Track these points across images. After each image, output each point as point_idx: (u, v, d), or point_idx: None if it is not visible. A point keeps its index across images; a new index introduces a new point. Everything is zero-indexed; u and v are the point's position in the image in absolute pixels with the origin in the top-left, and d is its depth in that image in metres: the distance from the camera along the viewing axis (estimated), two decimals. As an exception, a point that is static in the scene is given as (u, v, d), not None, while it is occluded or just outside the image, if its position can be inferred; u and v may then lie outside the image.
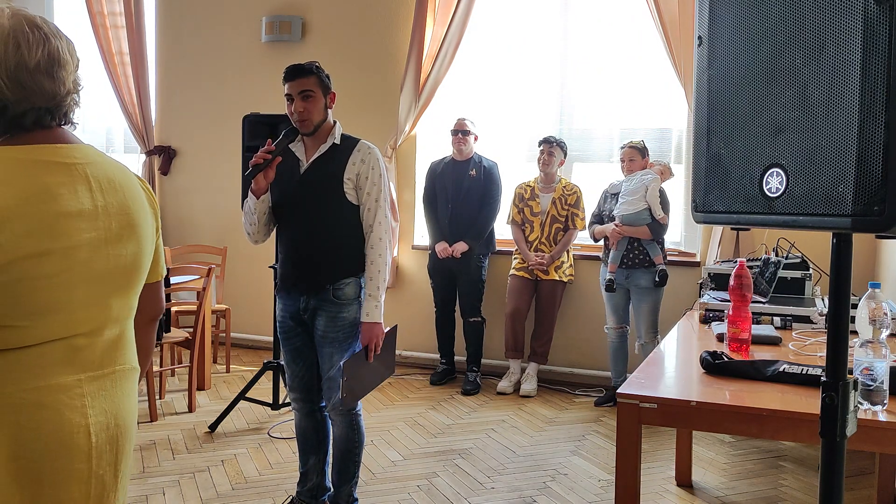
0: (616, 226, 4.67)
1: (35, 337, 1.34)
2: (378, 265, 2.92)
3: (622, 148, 4.81)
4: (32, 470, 1.33)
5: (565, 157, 5.17)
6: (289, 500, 3.32)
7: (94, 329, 1.42)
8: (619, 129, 5.41)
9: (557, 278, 5.07)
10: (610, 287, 4.72)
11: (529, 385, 5.09)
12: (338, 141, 2.97)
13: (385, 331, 3.01)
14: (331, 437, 3.16)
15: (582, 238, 5.41)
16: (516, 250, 5.20)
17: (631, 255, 4.68)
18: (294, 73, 2.90)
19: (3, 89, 1.34)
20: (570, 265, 5.17)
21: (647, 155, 4.78)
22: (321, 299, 2.96)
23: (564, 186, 5.12)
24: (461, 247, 5.12)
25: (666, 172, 4.77)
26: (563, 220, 5.11)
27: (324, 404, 3.14)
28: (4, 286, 1.28)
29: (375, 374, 3.02)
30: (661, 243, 4.70)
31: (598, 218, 4.89)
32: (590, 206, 5.15)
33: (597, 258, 5.26)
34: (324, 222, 2.95)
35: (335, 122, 3.02)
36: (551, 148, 5.07)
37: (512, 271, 5.19)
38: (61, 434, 1.35)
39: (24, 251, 1.29)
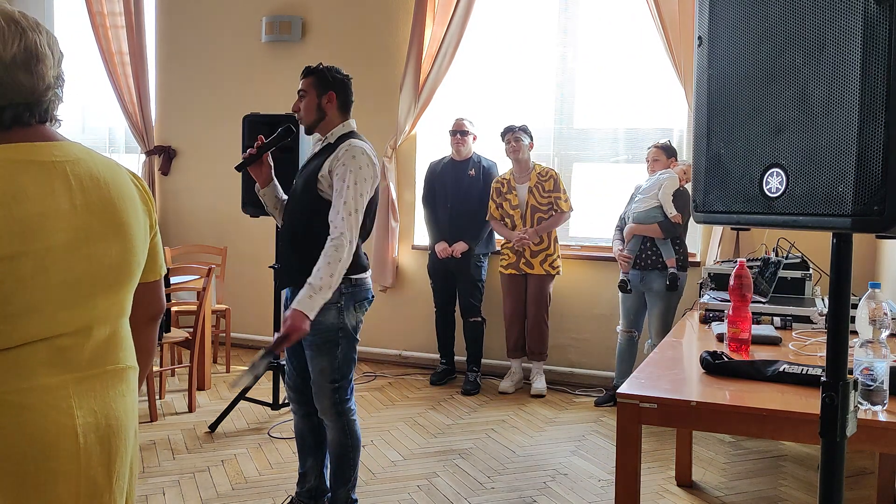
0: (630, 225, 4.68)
1: (14, 339, 1.31)
2: (321, 262, 2.71)
3: (649, 148, 4.80)
4: (16, 472, 1.31)
5: (532, 141, 5.06)
6: (288, 500, 3.32)
7: (79, 329, 1.39)
8: (619, 128, 5.41)
9: (544, 272, 5.03)
10: (623, 287, 4.70)
11: (539, 384, 5.08)
12: (332, 140, 2.96)
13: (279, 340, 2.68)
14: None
15: (582, 238, 5.41)
16: (502, 246, 5.16)
17: (644, 256, 4.63)
18: (301, 74, 3.00)
19: None
20: (558, 257, 5.08)
21: (674, 155, 4.74)
22: None
23: (539, 173, 5.02)
24: (461, 247, 5.12)
25: (689, 172, 4.71)
26: (546, 208, 5.00)
27: None
28: None
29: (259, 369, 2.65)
30: (680, 244, 4.63)
31: (622, 220, 4.83)
32: (587, 200, 5.10)
33: (596, 258, 5.26)
34: (302, 220, 2.94)
35: (344, 123, 3.00)
36: (516, 135, 4.99)
37: (500, 269, 5.15)
38: (46, 435, 1.33)
39: None
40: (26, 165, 1.33)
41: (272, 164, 3.08)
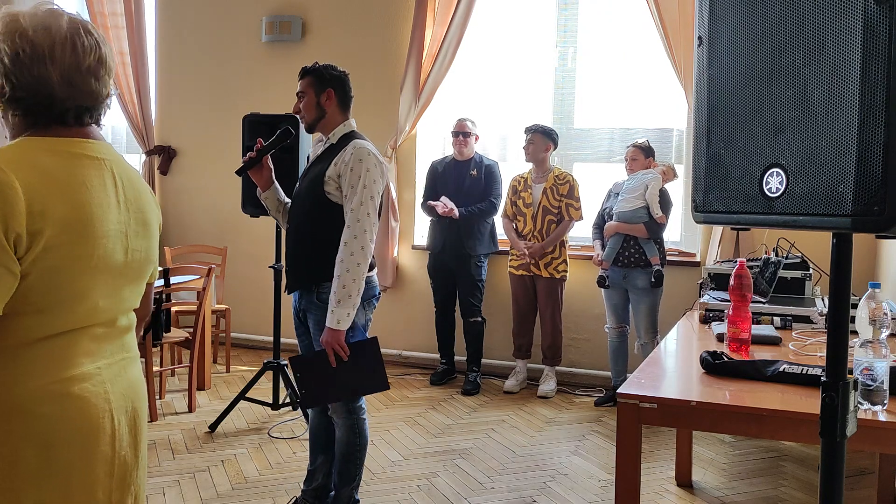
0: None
1: (65, 324, 1.41)
2: (338, 270, 2.79)
3: (628, 147, 4.81)
4: (65, 457, 1.40)
5: (553, 144, 5.03)
6: (293, 500, 3.32)
7: (110, 319, 1.51)
8: (619, 128, 5.41)
9: (549, 275, 5.04)
10: (601, 283, 4.73)
11: (548, 386, 5.08)
12: (335, 140, 2.97)
13: (358, 340, 2.88)
14: None
15: (582, 238, 5.41)
16: (512, 246, 5.16)
17: (626, 254, 4.68)
18: (298, 76, 3.01)
19: (54, 86, 1.43)
20: (564, 261, 5.08)
21: (652, 155, 4.77)
22: (308, 301, 2.96)
23: (557, 176, 5.02)
24: (453, 211, 5.06)
25: (668, 173, 4.75)
26: (556, 211, 5.01)
27: None
28: (45, 271, 1.35)
29: (348, 382, 2.89)
30: (660, 243, 4.69)
31: (601, 217, 4.89)
32: (587, 200, 5.11)
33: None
34: (308, 222, 2.94)
35: (345, 122, 3.00)
36: (531, 136, 4.99)
37: (509, 269, 5.16)
38: (89, 420, 1.43)
39: (64, 238, 1.37)
40: (83, 159, 1.46)
41: (272, 167, 3.08)
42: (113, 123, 6.87)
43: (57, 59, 1.42)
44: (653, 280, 4.60)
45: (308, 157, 3.42)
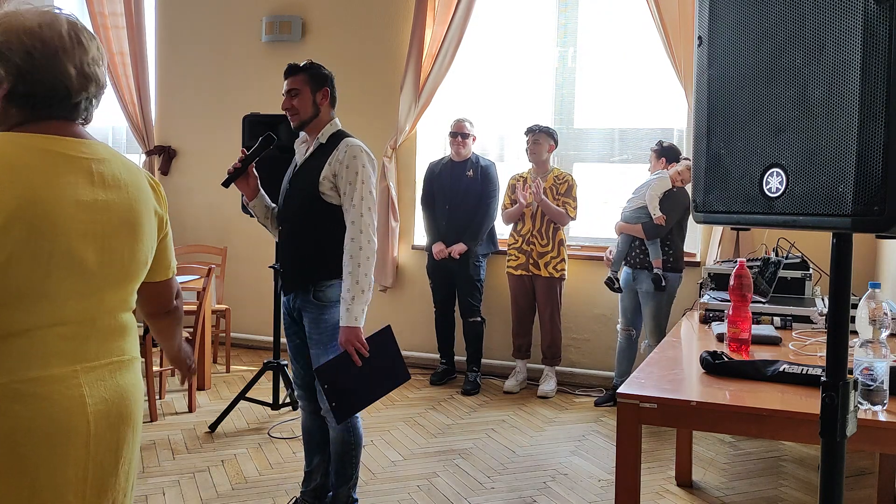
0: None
1: (24, 322, 1.38)
2: (349, 267, 2.81)
3: None
4: (31, 456, 1.38)
5: (556, 144, 5.06)
6: (293, 501, 3.32)
7: (85, 319, 1.47)
8: (618, 128, 5.41)
9: (548, 275, 5.03)
10: (610, 285, 4.72)
11: (548, 386, 5.08)
12: (324, 140, 2.97)
13: (373, 333, 2.89)
14: None
15: (582, 238, 5.41)
16: (510, 246, 5.15)
17: (633, 255, 4.67)
18: (286, 72, 3.01)
19: (14, 69, 1.42)
20: (563, 259, 5.07)
21: (667, 156, 4.70)
22: (304, 300, 2.96)
23: (557, 176, 5.03)
24: (459, 248, 5.10)
25: (685, 173, 4.65)
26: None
27: None
28: None
29: (375, 382, 2.89)
30: (669, 245, 4.62)
31: None
32: (586, 200, 5.09)
33: (597, 258, 5.26)
34: (303, 222, 2.95)
35: (332, 121, 3.01)
36: (536, 136, 5.00)
37: (507, 269, 5.16)
38: (58, 422, 1.40)
39: (14, 233, 1.34)
40: (53, 156, 1.43)
41: (258, 175, 3.09)
42: (113, 123, 6.86)
43: (14, 44, 1.42)
44: (653, 283, 4.57)
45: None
